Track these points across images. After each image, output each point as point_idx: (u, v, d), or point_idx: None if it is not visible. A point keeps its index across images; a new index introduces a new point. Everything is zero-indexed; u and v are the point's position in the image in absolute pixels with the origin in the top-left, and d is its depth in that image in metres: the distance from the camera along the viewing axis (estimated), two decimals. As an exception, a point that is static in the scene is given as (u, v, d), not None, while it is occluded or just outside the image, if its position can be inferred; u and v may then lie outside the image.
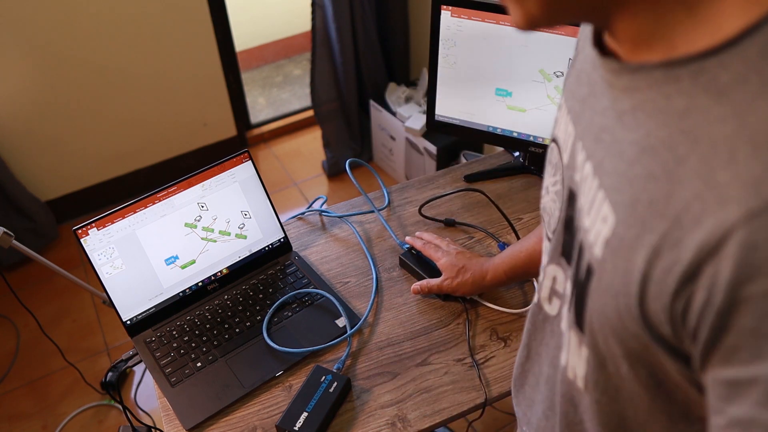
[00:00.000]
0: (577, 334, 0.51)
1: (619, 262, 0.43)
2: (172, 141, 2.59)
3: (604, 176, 0.46)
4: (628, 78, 0.43)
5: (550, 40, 1.15)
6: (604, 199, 0.45)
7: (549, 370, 0.63)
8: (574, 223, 0.53)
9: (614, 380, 0.48)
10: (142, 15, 2.25)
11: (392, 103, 2.48)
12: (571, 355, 0.54)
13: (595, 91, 0.49)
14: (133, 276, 1.05)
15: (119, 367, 1.04)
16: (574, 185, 0.53)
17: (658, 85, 0.41)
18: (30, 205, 2.30)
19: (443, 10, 1.20)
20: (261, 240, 1.15)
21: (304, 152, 2.84)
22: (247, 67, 3.43)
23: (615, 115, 0.45)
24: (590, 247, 0.47)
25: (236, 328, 1.05)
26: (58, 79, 2.22)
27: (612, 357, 0.47)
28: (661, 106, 0.40)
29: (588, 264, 0.47)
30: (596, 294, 0.46)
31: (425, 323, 1.06)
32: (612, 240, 0.44)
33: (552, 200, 0.59)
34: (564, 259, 0.56)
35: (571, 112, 0.54)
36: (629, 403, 0.48)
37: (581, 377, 0.52)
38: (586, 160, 0.50)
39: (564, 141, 0.56)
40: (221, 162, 1.10)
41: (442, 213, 1.26)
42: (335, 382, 0.93)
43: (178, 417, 0.94)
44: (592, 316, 0.47)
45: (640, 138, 0.42)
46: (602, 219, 0.45)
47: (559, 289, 0.59)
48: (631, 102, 0.43)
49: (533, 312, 0.67)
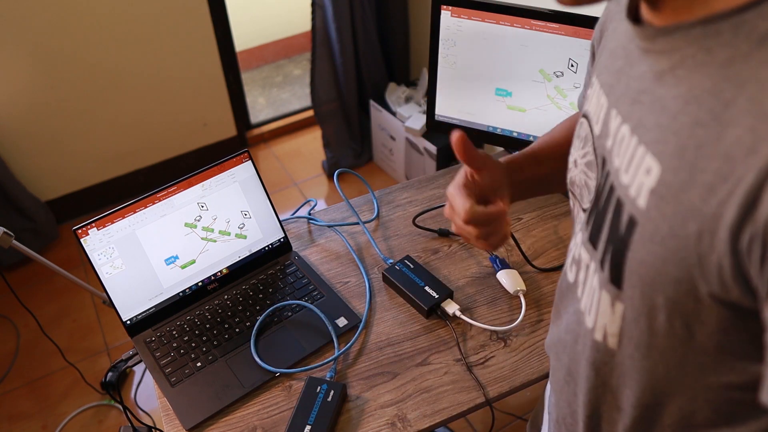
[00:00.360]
0: (610, 292, 0.52)
1: (668, 207, 0.44)
2: (172, 141, 2.59)
3: (645, 133, 0.48)
4: (666, 40, 0.46)
5: (550, 40, 1.15)
6: (646, 152, 0.47)
7: (566, 336, 0.64)
8: (602, 188, 0.55)
9: (647, 335, 0.49)
10: (142, 15, 2.25)
11: (392, 103, 2.48)
12: (601, 315, 0.55)
13: (631, 61, 0.52)
14: (133, 276, 1.05)
15: (119, 367, 1.04)
16: (605, 152, 0.55)
17: (697, 41, 0.43)
18: (30, 205, 2.30)
19: (443, 10, 1.20)
20: (261, 240, 1.15)
21: (304, 152, 2.84)
22: (247, 67, 3.43)
23: (653, 76, 0.48)
24: (632, 200, 0.48)
25: (236, 328, 1.05)
26: (58, 79, 2.22)
27: (650, 309, 0.48)
28: (702, 60, 0.43)
29: (630, 217, 0.49)
30: (639, 244, 0.47)
31: (425, 323, 1.06)
32: (658, 188, 0.45)
33: (583, 171, 0.61)
34: (586, 225, 0.58)
35: (604, 86, 0.57)
36: (661, 358, 0.50)
37: (614, 334, 0.54)
38: (621, 123, 0.52)
39: (595, 114, 0.58)
40: (221, 162, 1.10)
41: (441, 214, 1.25)
42: (331, 391, 0.93)
43: (178, 417, 0.94)
44: (633, 268, 0.48)
45: (683, 92, 0.44)
46: (645, 171, 0.47)
47: (576, 255, 0.61)
48: (670, 62, 0.46)
49: (561, 279, 0.68)
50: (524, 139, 1.27)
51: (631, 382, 0.54)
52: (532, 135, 1.26)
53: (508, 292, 1.09)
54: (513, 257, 1.16)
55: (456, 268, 1.14)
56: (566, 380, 0.65)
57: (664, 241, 0.45)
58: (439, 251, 1.18)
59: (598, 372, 0.58)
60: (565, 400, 0.67)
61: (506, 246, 1.18)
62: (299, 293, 1.10)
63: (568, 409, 0.67)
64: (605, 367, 0.57)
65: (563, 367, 0.66)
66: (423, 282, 1.08)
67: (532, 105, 1.23)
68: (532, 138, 1.26)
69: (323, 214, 1.28)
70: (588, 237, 0.57)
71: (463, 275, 1.13)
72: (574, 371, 0.63)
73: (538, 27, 1.15)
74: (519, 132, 1.27)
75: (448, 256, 1.17)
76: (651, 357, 0.50)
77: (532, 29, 1.15)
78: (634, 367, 0.53)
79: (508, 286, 1.09)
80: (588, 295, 0.57)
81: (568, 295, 0.65)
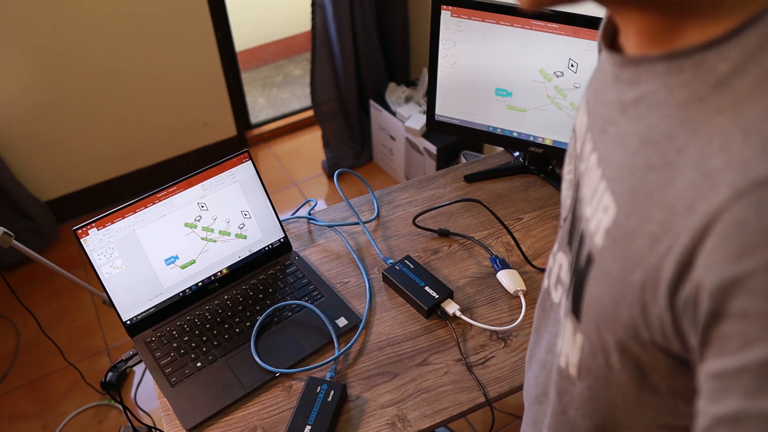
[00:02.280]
0: (572, 322, 0.52)
1: (619, 250, 0.43)
2: (172, 141, 2.59)
3: (607, 167, 0.47)
4: (632, 70, 0.44)
5: (550, 40, 1.15)
6: (606, 189, 0.46)
7: (547, 357, 0.64)
8: (576, 211, 0.54)
9: (605, 369, 0.49)
10: (142, 15, 2.25)
11: (392, 103, 2.48)
12: (566, 342, 0.54)
13: (605, 84, 0.50)
14: (133, 276, 1.05)
15: (119, 367, 1.04)
16: (579, 175, 0.54)
17: (660, 76, 0.41)
18: (30, 205, 2.30)
19: (443, 10, 1.20)
20: (261, 240, 1.15)
21: (304, 152, 2.84)
22: (247, 67, 3.43)
23: (619, 107, 0.46)
24: (591, 236, 0.48)
25: (236, 328, 1.05)
26: (58, 79, 2.22)
27: (604, 346, 0.47)
28: (662, 98, 0.41)
29: (588, 252, 0.48)
30: (594, 282, 0.47)
31: (425, 323, 1.06)
32: (612, 229, 0.44)
33: (567, 188, 0.61)
34: (569, 246, 0.57)
35: (588, 104, 0.56)
36: (618, 392, 0.49)
37: (574, 364, 0.53)
38: (592, 150, 0.51)
39: (579, 131, 0.58)
40: (221, 162, 1.10)
41: (441, 214, 1.25)
42: (332, 391, 0.93)
43: (178, 417, 0.94)
44: (589, 303, 0.48)
45: (642, 130, 0.43)
46: (603, 209, 0.46)
47: (563, 276, 0.60)
48: (635, 94, 0.44)
49: (542, 297, 0.68)
50: (524, 139, 1.27)
51: (591, 412, 0.53)
52: (532, 135, 1.26)
53: (508, 292, 1.09)
54: (513, 257, 1.16)
55: (456, 268, 1.14)
56: (539, 400, 0.65)
57: (615, 283, 0.44)
58: (439, 251, 1.18)
59: (561, 398, 0.57)
60: (533, 420, 0.66)
61: (506, 246, 1.18)
62: (299, 293, 1.10)
63: (534, 428, 0.66)
64: (566, 395, 0.56)
65: (540, 385, 0.65)
66: (423, 282, 1.08)
67: (532, 105, 1.23)
68: (532, 138, 1.26)
69: (323, 214, 1.28)
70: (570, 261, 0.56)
71: (463, 275, 1.13)
72: (547, 392, 0.62)
73: (538, 27, 1.15)
74: (519, 132, 1.27)
75: (448, 256, 1.17)
76: (609, 390, 0.50)
77: (532, 29, 1.15)
78: (593, 398, 0.52)
79: (508, 286, 1.09)
80: (562, 319, 0.57)
81: (550, 315, 0.64)
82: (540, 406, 0.65)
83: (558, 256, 0.61)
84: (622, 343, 0.45)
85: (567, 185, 0.61)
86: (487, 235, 1.21)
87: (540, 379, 0.65)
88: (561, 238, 0.61)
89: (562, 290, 0.60)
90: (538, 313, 0.69)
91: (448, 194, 1.31)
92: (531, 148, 1.28)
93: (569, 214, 0.58)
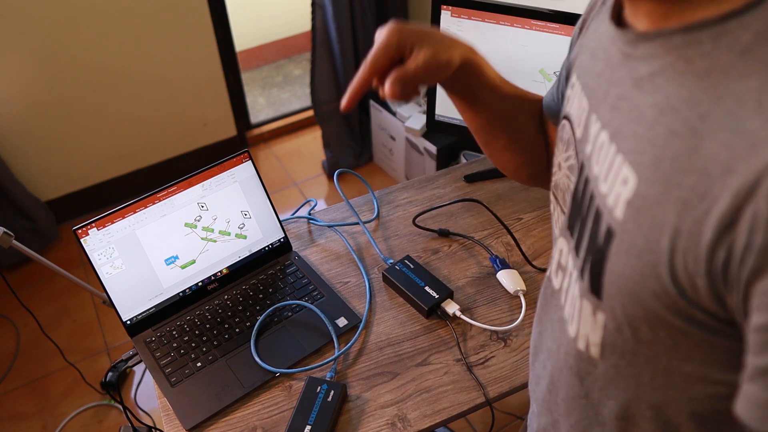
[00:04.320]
0: (591, 302, 0.51)
1: (644, 220, 0.43)
2: (172, 141, 2.59)
3: (623, 141, 0.47)
4: (647, 46, 0.45)
5: (550, 40, 1.15)
6: (623, 162, 0.46)
7: (551, 345, 0.63)
8: (580, 193, 0.54)
9: (632, 343, 0.49)
10: (142, 15, 2.25)
11: (392, 103, 2.48)
12: (583, 324, 0.54)
13: (611, 64, 0.51)
14: (133, 276, 1.05)
15: (119, 367, 1.04)
16: (584, 157, 0.54)
17: (677, 49, 0.42)
18: (30, 205, 2.30)
19: (443, 10, 1.20)
20: (261, 240, 1.15)
21: (304, 152, 2.84)
22: (247, 67, 3.43)
23: (632, 83, 0.47)
24: (610, 211, 0.48)
25: (236, 328, 1.05)
26: (58, 79, 2.22)
27: (630, 320, 0.47)
28: (681, 69, 0.42)
29: (608, 228, 0.48)
30: (617, 256, 0.47)
31: (425, 323, 1.06)
32: (634, 200, 0.44)
33: (566, 176, 0.60)
34: (569, 231, 0.57)
35: (585, 88, 0.56)
36: (646, 366, 0.49)
37: (596, 344, 0.53)
38: (601, 129, 0.51)
39: (577, 117, 0.57)
40: (221, 162, 1.10)
41: (441, 214, 1.26)
42: (332, 391, 0.93)
43: (178, 417, 0.94)
44: (611, 279, 0.48)
45: (660, 100, 0.43)
46: (622, 181, 0.46)
47: (563, 262, 0.60)
48: (649, 69, 0.45)
49: (545, 286, 0.67)
50: (524, 139, 1.27)
51: (616, 392, 0.53)
52: (532, 135, 1.26)
53: (508, 292, 1.09)
54: (513, 257, 1.16)
55: (456, 268, 1.14)
56: (549, 389, 0.64)
57: (641, 254, 0.44)
58: (439, 251, 1.18)
59: (582, 382, 0.57)
60: (548, 409, 0.66)
61: (506, 246, 1.18)
62: (299, 293, 1.10)
63: (549, 417, 0.66)
64: (589, 377, 0.56)
65: (547, 375, 0.65)
66: (423, 282, 1.08)
67: (532, 105, 1.23)
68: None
69: (323, 214, 1.28)
70: (574, 245, 0.56)
71: (463, 275, 1.13)
72: (556, 380, 0.62)
73: (538, 27, 1.15)
74: (519, 132, 1.27)
75: (448, 256, 1.17)
76: (636, 364, 0.50)
77: (532, 29, 1.15)
78: (619, 375, 0.52)
79: (508, 286, 1.09)
80: (570, 303, 0.57)
81: (551, 302, 0.64)
82: (550, 395, 0.64)
83: (559, 242, 0.61)
84: (652, 313, 0.45)
85: (566, 173, 0.60)
86: (487, 235, 1.21)
87: (547, 368, 0.64)
88: (561, 224, 0.60)
89: (561, 276, 0.60)
90: (540, 304, 0.69)
91: (448, 194, 1.31)
92: (531, 148, 1.28)
93: (571, 198, 0.57)
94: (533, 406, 0.73)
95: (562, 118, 0.62)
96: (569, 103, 0.60)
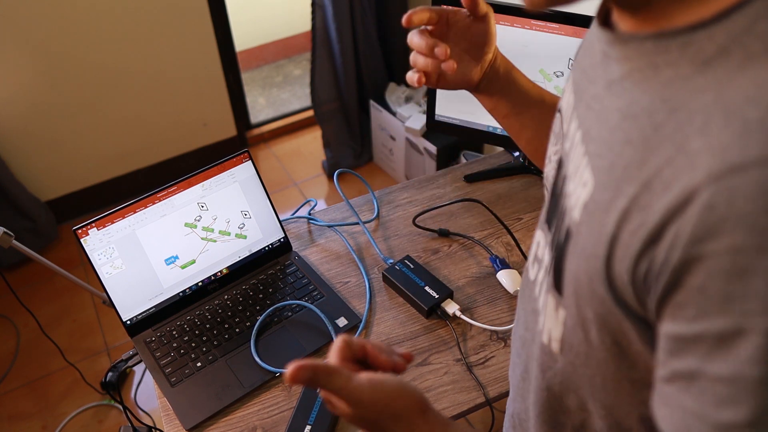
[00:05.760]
0: (554, 297, 0.52)
1: (594, 225, 0.44)
2: (172, 141, 2.59)
3: (590, 143, 0.48)
4: (621, 48, 0.45)
5: (550, 40, 1.15)
6: (587, 164, 0.47)
7: (525, 334, 0.64)
8: (558, 189, 0.55)
9: (585, 345, 0.49)
10: (142, 15, 2.25)
11: (392, 103, 2.48)
12: (548, 318, 0.55)
13: (594, 62, 0.51)
14: (133, 276, 1.05)
15: (119, 367, 1.04)
16: (564, 153, 0.55)
17: (648, 55, 0.42)
18: (30, 205, 2.30)
19: (443, 10, 1.20)
20: (261, 240, 1.15)
21: (304, 152, 2.84)
22: (247, 67, 3.43)
23: (605, 83, 0.47)
24: (570, 210, 0.48)
25: (236, 328, 1.06)
26: (58, 79, 2.23)
27: (583, 321, 0.48)
28: (648, 75, 0.42)
29: (567, 227, 0.49)
30: (572, 256, 0.47)
31: (425, 323, 1.06)
32: (589, 204, 0.45)
33: (554, 168, 0.61)
34: (546, 225, 0.58)
35: (575, 83, 0.56)
36: (597, 370, 0.49)
37: (557, 339, 0.53)
38: (578, 128, 0.52)
39: (566, 111, 0.58)
40: (221, 162, 1.10)
41: (441, 214, 1.26)
42: None
43: (178, 417, 0.94)
44: (569, 278, 0.48)
45: (624, 105, 0.44)
46: (583, 183, 0.47)
47: (539, 254, 0.60)
48: (621, 71, 0.45)
49: (524, 276, 0.68)
50: (524, 139, 1.27)
51: (574, 388, 0.54)
52: (532, 135, 1.26)
53: (508, 292, 1.09)
54: (513, 257, 1.16)
55: (456, 268, 1.14)
56: (522, 377, 0.66)
57: (588, 258, 0.44)
58: (439, 251, 1.18)
59: (544, 374, 0.58)
60: (521, 395, 0.67)
61: (506, 246, 1.18)
62: (299, 293, 1.10)
63: (522, 404, 0.67)
64: (549, 371, 0.56)
65: (522, 363, 0.66)
66: (423, 282, 1.08)
67: (532, 105, 1.23)
68: (532, 138, 1.26)
69: (323, 214, 1.28)
70: (549, 239, 0.57)
71: (463, 275, 1.13)
72: (529, 369, 0.63)
73: (538, 27, 1.15)
74: (519, 132, 1.27)
75: (448, 256, 1.17)
76: (589, 366, 0.50)
77: (532, 29, 1.15)
78: (575, 373, 0.52)
79: (508, 286, 1.09)
80: (542, 295, 0.58)
81: (526, 293, 0.65)
82: (523, 383, 0.66)
83: (537, 234, 0.62)
84: (599, 317, 0.45)
85: (554, 165, 0.61)
86: (487, 235, 1.21)
87: (522, 356, 0.66)
88: (541, 216, 0.61)
89: (538, 267, 0.61)
90: (520, 293, 0.70)
91: (448, 194, 1.31)
92: (531, 148, 1.28)
93: (550, 193, 0.58)
94: (511, 392, 0.74)
95: (557, 111, 0.63)
96: (563, 96, 0.61)
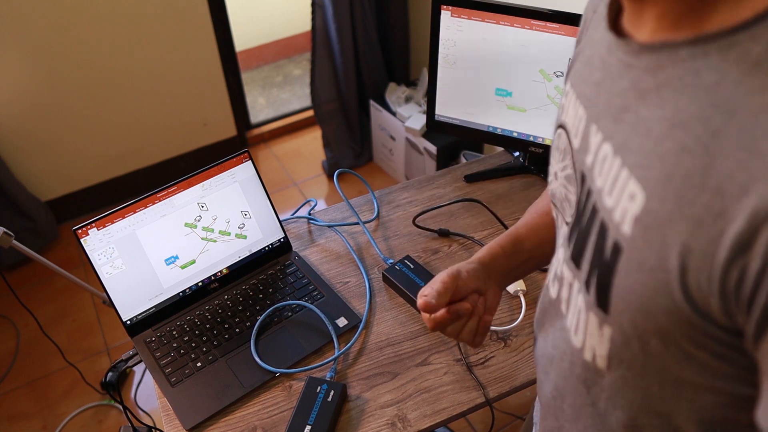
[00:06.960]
0: (597, 315, 0.51)
1: (654, 237, 0.43)
2: (172, 141, 2.59)
3: (629, 155, 0.46)
4: (651, 57, 0.44)
5: (550, 40, 1.15)
6: (630, 176, 0.46)
7: (553, 352, 0.63)
8: (582, 204, 0.54)
9: (640, 357, 0.48)
10: (142, 15, 2.25)
11: (392, 103, 2.48)
12: (589, 336, 0.53)
13: (611, 74, 0.50)
14: (133, 276, 1.05)
15: (119, 367, 1.04)
16: (585, 168, 0.53)
17: (684, 62, 0.41)
18: (30, 205, 2.30)
19: (443, 10, 1.20)
20: (261, 240, 1.15)
21: (304, 152, 2.84)
22: (247, 67, 3.43)
23: (637, 95, 0.46)
24: (617, 226, 0.47)
25: (236, 328, 1.06)
26: (58, 79, 2.22)
27: (640, 334, 0.47)
28: (689, 82, 0.41)
29: (615, 243, 0.47)
30: (625, 272, 0.46)
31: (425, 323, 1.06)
32: (643, 216, 0.44)
33: (563, 185, 0.60)
34: (569, 242, 0.57)
35: (581, 97, 0.55)
36: (655, 378, 0.48)
37: (603, 356, 0.52)
38: (603, 141, 0.50)
39: (573, 126, 0.57)
40: (221, 162, 1.10)
41: (441, 214, 1.25)
42: (332, 391, 0.93)
43: (178, 417, 0.94)
44: (620, 294, 0.47)
45: (669, 114, 0.42)
46: (629, 197, 0.45)
47: (561, 272, 0.59)
48: (655, 81, 0.44)
49: (543, 293, 0.68)
50: (524, 139, 1.27)
51: (623, 402, 0.53)
52: (532, 135, 1.26)
53: (508, 292, 1.09)
54: (513, 257, 1.16)
55: (456, 268, 1.14)
56: (553, 395, 0.64)
57: (653, 271, 0.43)
58: (439, 251, 1.18)
59: (589, 391, 0.57)
60: (553, 414, 0.66)
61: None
62: (299, 293, 1.10)
63: (555, 422, 0.66)
64: (595, 387, 0.55)
65: (550, 381, 0.65)
66: (423, 282, 1.08)
67: (532, 105, 1.23)
68: (532, 138, 1.26)
69: (323, 214, 1.28)
70: (570, 255, 0.55)
71: (463, 275, 1.13)
72: (561, 387, 0.62)
73: (538, 27, 1.15)
74: (519, 132, 1.27)
75: (448, 256, 1.17)
76: (645, 376, 0.49)
77: (532, 29, 1.15)
78: (626, 386, 0.51)
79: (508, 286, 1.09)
80: (573, 313, 0.56)
81: (551, 311, 0.64)
82: (554, 401, 0.64)
83: (559, 252, 0.61)
84: (663, 328, 0.44)
85: (563, 182, 0.60)
86: (487, 235, 1.21)
87: (550, 374, 0.64)
88: (563, 234, 0.60)
89: (559, 285, 0.60)
90: (540, 309, 0.69)
91: (448, 194, 1.31)
92: (531, 148, 1.28)
93: (574, 209, 0.57)
94: (540, 410, 0.73)
95: (557, 128, 0.62)
96: (564, 112, 0.60)
